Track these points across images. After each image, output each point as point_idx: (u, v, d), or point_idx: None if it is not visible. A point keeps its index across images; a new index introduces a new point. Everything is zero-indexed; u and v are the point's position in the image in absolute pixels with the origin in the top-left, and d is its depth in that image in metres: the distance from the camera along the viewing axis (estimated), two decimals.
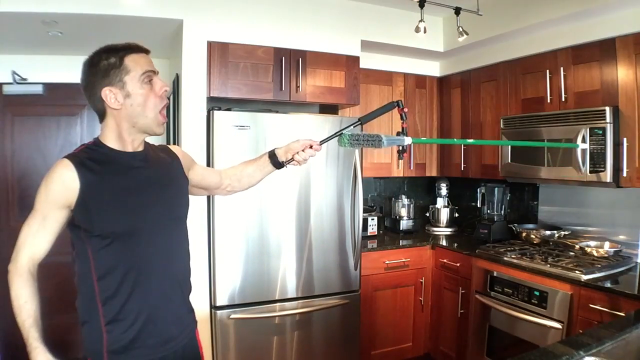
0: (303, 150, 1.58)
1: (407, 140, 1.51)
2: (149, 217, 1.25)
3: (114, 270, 1.19)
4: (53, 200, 1.16)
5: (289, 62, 2.72)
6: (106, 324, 1.18)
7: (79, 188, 1.15)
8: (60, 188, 1.15)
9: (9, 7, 2.17)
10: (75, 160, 1.17)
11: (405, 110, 1.57)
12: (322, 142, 1.60)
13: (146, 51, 1.27)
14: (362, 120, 1.60)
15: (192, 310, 1.48)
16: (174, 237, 1.34)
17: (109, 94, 1.19)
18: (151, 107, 1.23)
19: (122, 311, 1.19)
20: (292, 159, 1.58)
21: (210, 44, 2.54)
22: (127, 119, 1.22)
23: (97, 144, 1.24)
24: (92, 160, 1.19)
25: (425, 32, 2.40)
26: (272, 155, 1.60)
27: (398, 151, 1.58)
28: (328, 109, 3.20)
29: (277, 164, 1.61)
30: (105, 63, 1.20)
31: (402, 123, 1.56)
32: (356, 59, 2.95)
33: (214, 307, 2.50)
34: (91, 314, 1.19)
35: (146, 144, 1.33)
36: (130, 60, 1.21)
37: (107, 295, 1.18)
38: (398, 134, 1.52)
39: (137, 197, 1.24)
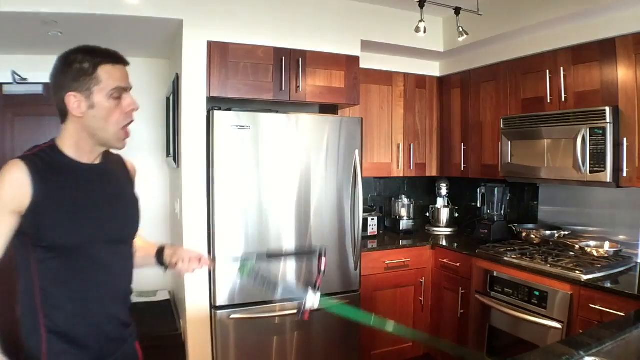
0: (189, 261, 1.46)
1: (310, 301, 1.28)
2: (100, 234, 1.20)
3: (58, 282, 1.15)
4: (4, 204, 1.09)
5: (289, 62, 2.72)
6: (47, 332, 1.14)
7: (31, 194, 1.09)
8: (13, 192, 1.09)
9: (9, 7, 2.17)
10: (29, 164, 1.11)
11: (324, 264, 1.39)
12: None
13: (124, 63, 1.23)
14: (269, 256, 1.44)
15: (132, 323, 1.42)
16: (122, 254, 1.30)
17: (73, 100, 1.14)
18: (113, 122, 1.17)
19: (63, 323, 1.16)
20: (176, 264, 1.47)
21: (210, 44, 2.54)
22: (87, 129, 1.16)
23: (53, 148, 1.18)
24: (47, 166, 1.13)
25: (425, 32, 2.40)
26: (160, 253, 1.48)
27: (297, 310, 1.31)
28: (328, 109, 3.20)
29: (161, 263, 1.50)
30: (78, 66, 1.15)
31: (317, 277, 1.42)
32: (356, 59, 2.95)
33: (214, 307, 2.50)
34: (32, 323, 1.15)
35: (105, 155, 1.28)
36: (104, 72, 1.16)
37: (49, 305, 1.14)
38: (314, 286, 1.29)
39: (89, 212, 1.18)
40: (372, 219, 3.40)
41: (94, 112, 1.15)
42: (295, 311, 2.63)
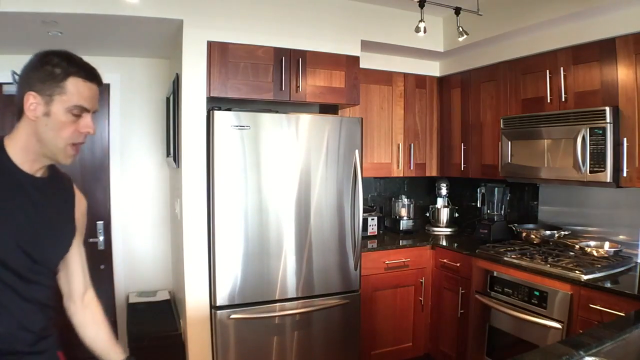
0: None
1: None
2: (16, 254, 1.07)
3: None
4: None
5: (289, 62, 2.72)
6: None
7: None
8: None
9: (9, 7, 2.17)
10: (6, 177, 1.03)
11: None
12: None
13: (98, 83, 1.15)
14: None
15: (53, 334, 1.21)
16: (27, 279, 1.10)
17: (32, 101, 1.07)
18: (64, 137, 1.09)
19: None
20: None
21: (210, 44, 2.54)
22: (36, 135, 1.09)
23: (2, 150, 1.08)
24: None
25: (425, 32, 2.40)
26: None
27: None
28: (328, 109, 3.20)
29: None
30: (49, 69, 1.07)
31: None
32: (356, 59, 2.95)
33: (214, 307, 2.50)
34: None
35: (51, 172, 1.18)
36: (73, 84, 1.08)
37: None
38: None
39: (11, 223, 1.06)
40: (372, 219, 3.40)
41: (47, 120, 1.08)
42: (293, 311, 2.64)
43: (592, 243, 2.59)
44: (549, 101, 2.65)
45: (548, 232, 2.83)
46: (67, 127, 1.09)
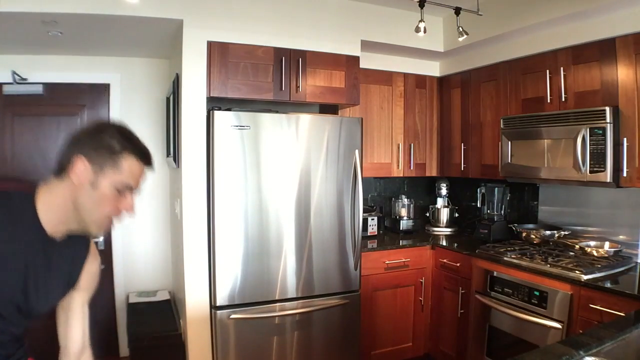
0: None
1: None
2: (3, 303, 1.06)
3: None
4: None
5: (289, 62, 2.72)
6: None
7: None
8: None
9: (9, 7, 2.17)
10: (29, 235, 1.02)
11: None
12: None
13: (150, 166, 1.14)
14: None
15: (23, 345, 1.19)
16: (9, 325, 1.10)
17: (80, 166, 1.04)
18: (103, 211, 1.08)
19: None
20: None
21: (210, 44, 2.54)
22: (74, 200, 1.06)
23: (28, 200, 1.06)
24: (7, 216, 1.03)
25: (425, 32, 2.40)
26: None
27: None
28: (328, 109, 3.20)
29: None
30: (107, 139, 1.06)
31: None
32: (356, 59, 2.95)
33: (214, 307, 2.50)
34: None
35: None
36: (127, 162, 1.07)
37: None
38: None
39: (11, 274, 1.05)
40: (372, 219, 3.40)
41: (91, 190, 1.05)
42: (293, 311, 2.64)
43: (592, 243, 2.59)
44: (549, 101, 2.65)
45: (548, 232, 2.83)
46: (109, 202, 1.08)
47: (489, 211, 3.34)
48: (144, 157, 1.11)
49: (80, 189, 1.05)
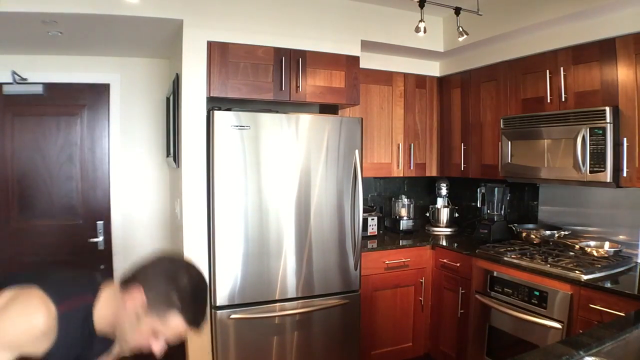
0: None
1: None
2: None
3: None
4: (16, 344, 1.00)
5: (289, 62, 2.72)
6: None
7: (44, 351, 1.03)
8: (35, 341, 1.01)
9: (9, 7, 2.17)
10: (63, 323, 1.05)
11: None
12: None
13: (197, 329, 1.16)
14: None
15: None
16: None
17: (137, 297, 1.08)
18: (134, 341, 1.13)
19: None
20: None
21: (210, 44, 2.54)
22: (117, 320, 1.12)
23: (88, 311, 1.12)
24: (75, 329, 1.08)
25: (425, 32, 2.40)
26: None
27: None
28: (328, 109, 3.20)
29: None
30: (171, 289, 1.08)
31: None
32: (356, 59, 2.95)
33: (214, 307, 2.50)
34: None
35: None
36: (175, 323, 1.09)
37: None
38: None
39: None
40: (372, 219, 3.40)
41: (134, 320, 1.09)
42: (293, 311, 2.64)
43: (592, 243, 2.59)
44: (549, 101, 2.64)
45: (548, 232, 2.83)
46: (144, 337, 1.11)
47: (489, 211, 3.34)
48: (194, 322, 1.12)
49: (127, 315, 1.09)
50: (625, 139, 2.23)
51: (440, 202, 3.67)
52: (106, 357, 1.25)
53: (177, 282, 1.09)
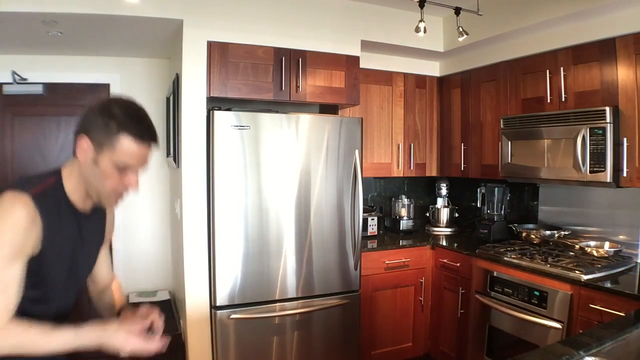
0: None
1: None
2: (69, 280, 1.20)
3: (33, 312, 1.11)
4: (23, 247, 1.03)
5: (289, 62, 2.72)
6: None
7: (41, 238, 1.06)
8: (31, 234, 1.03)
9: (9, 7, 2.17)
10: (41, 206, 1.06)
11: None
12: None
13: (152, 144, 1.15)
14: None
15: None
16: (70, 301, 1.26)
17: (84, 145, 1.09)
18: (108, 187, 1.13)
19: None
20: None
21: (210, 44, 2.54)
22: (85, 178, 1.13)
23: (59, 188, 1.14)
24: (53, 210, 1.10)
25: (425, 32, 2.40)
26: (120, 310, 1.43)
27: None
28: (328, 109, 3.20)
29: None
30: (106, 120, 1.08)
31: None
32: (356, 59, 2.95)
33: (214, 307, 2.50)
34: None
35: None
36: (124, 142, 1.08)
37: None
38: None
39: (68, 261, 1.17)
40: (372, 219, 3.40)
41: (94, 168, 1.10)
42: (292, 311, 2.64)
43: (592, 243, 2.59)
44: (549, 101, 2.65)
45: (548, 232, 2.83)
46: (112, 178, 1.12)
47: (489, 211, 3.34)
48: (143, 136, 1.11)
49: (85, 166, 1.11)
50: (625, 139, 2.23)
51: (440, 202, 3.67)
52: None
53: (110, 112, 1.09)
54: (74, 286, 1.25)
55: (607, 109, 2.25)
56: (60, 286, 1.17)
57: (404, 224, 3.52)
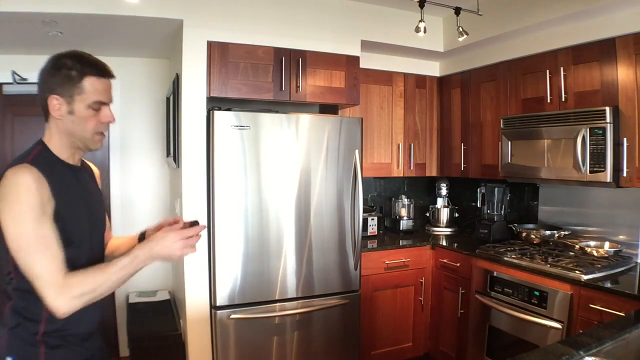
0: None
1: None
2: (94, 230, 1.31)
3: None
4: (42, 209, 1.10)
5: (289, 62, 2.72)
6: (47, 342, 1.18)
7: (53, 197, 1.13)
8: (42, 196, 1.10)
9: (9, 7, 2.17)
10: (41, 168, 1.13)
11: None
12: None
13: (110, 76, 1.26)
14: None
15: None
16: (101, 249, 1.39)
17: (55, 103, 1.19)
18: (89, 129, 1.23)
19: (63, 323, 1.17)
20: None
21: (210, 44, 2.54)
22: (65, 130, 1.22)
23: (46, 150, 1.22)
24: (51, 169, 1.17)
25: (425, 32, 2.40)
26: (142, 236, 1.50)
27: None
28: (328, 109, 3.20)
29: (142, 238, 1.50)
30: (65, 72, 1.18)
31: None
32: (356, 59, 2.95)
33: (214, 307, 2.50)
34: (28, 327, 1.16)
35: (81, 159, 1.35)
36: (89, 83, 1.20)
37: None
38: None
39: (85, 211, 1.27)
40: (372, 219, 3.40)
41: (72, 117, 1.20)
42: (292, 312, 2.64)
43: (592, 243, 2.59)
44: (549, 101, 2.65)
45: (548, 232, 2.83)
46: (90, 120, 1.23)
47: (489, 211, 3.34)
48: (102, 72, 1.23)
49: (64, 120, 1.21)
50: (625, 139, 2.23)
51: (440, 202, 3.67)
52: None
53: (66, 65, 1.19)
54: (97, 239, 1.34)
55: (607, 109, 2.25)
56: (86, 240, 1.25)
57: (404, 224, 3.52)
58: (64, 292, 1.09)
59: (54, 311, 1.09)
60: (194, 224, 1.31)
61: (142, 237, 1.48)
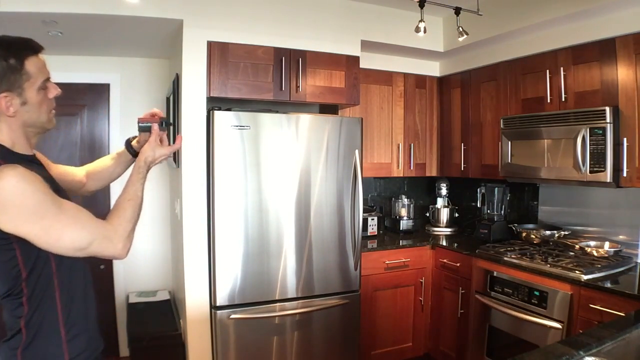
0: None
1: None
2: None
3: (74, 278, 1.20)
4: (47, 187, 1.08)
5: (289, 62, 2.72)
6: (67, 333, 1.16)
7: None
8: (40, 180, 1.07)
9: (9, 7, 2.17)
10: (22, 164, 1.09)
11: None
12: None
13: (42, 48, 1.22)
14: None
15: None
16: None
17: (5, 101, 1.10)
18: (45, 111, 1.20)
19: (81, 319, 1.19)
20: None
21: (210, 44, 2.54)
22: (22, 124, 1.16)
23: (4, 150, 1.14)
24: (19, 164, 1.11)
25: (425, 32, 2.40)
26: (128, 143, 1.60)
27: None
28: (328, 109, 3.20)
29: (130, 149, 1.60)
30: (4, 64, 1.09)
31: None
32: (356, 59, 2.95)
33: (214, 307, 2.50)
34: (49, 326, 1.14)
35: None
36: (32, 65, 1.14)
37: (68, 303, 1.17)
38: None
39: (63, 194, 1.23)
40: (372, 219, 3.40)
41: (26, 107, 1.15)
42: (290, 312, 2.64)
43: (592, 243, 2.59)
44: (549, 101, 2.65)
45: (548, 232, 2.83)
46: (43, 102, 1.19)
47: (489, 211, 3.34)
48: (34, 48, 1.18)
49: (19, 114, 1.14)
50: (625, 139, 2.23)
51: (440, 202, 3.67)
52: None
53: (2, 58, 1.10)
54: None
55: (607, 109, 2.25)
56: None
57: (404, 224, 3.52)
58: (117, 237, 1.18)
59: (119, 257, 1.20)
60: (168, 123, 1.45)
61: (128, 143, 1.57)
